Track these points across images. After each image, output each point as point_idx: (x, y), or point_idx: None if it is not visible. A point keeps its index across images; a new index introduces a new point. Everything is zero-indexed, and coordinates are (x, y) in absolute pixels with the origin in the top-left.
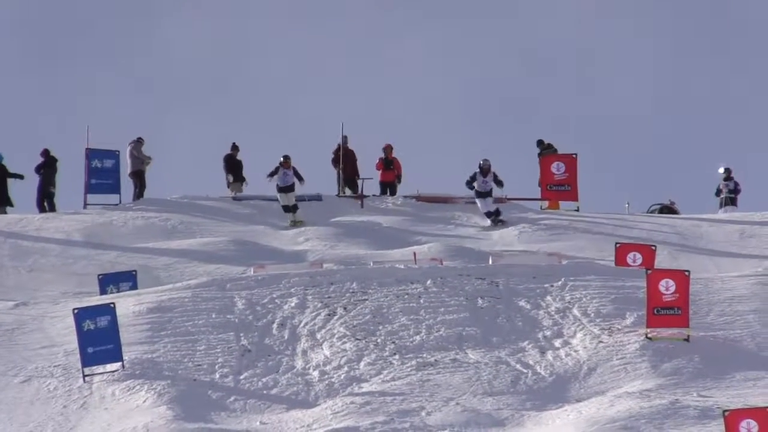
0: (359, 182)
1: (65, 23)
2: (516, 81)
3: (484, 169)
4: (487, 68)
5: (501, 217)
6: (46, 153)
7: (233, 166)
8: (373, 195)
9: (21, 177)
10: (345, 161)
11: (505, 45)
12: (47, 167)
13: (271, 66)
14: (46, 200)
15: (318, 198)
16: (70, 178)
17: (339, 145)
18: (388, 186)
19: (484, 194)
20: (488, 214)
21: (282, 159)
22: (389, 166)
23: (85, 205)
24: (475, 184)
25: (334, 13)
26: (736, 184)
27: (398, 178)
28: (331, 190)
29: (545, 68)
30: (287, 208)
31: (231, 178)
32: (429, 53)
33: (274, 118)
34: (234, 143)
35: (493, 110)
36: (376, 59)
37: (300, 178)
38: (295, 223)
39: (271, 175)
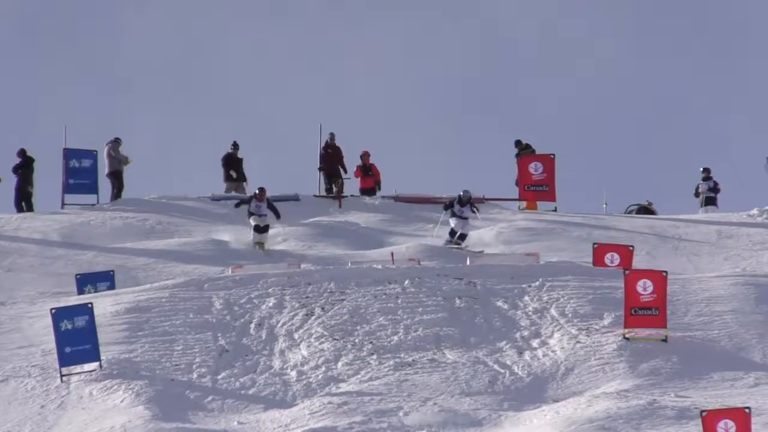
0: (341, 181)
1: (38, 21)
2: (483, 79)
3: (464, 200)
4: (452, 66)
5: (462, 243)
6: (22, 153)
7: (233, 164)
8: (351, 195)
9: None
10: (331, 158)
11: (469, 43)
12: (24, 167)
13: (236, 64)
14: (23, 200)
15: (296, 198)
16: (47, 178)
17: (326, 142)
18: (368, 193)
19: (460, 217)
20: (452, 233)
21: (257, 191)
22: (368, 172)
23: (63, 205)
24: (454, 209)
25: (295, 11)
26: (716, 183)
27: (378, 184)
28: (309, 189)
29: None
30: (257, 228)
31: (234, 175)
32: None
33: (243, 116)
34: (234, 142)
35: (460, 108)
36: (338, 56)
37: (277, 214)
38: (261, 245)
39: (238, 205)
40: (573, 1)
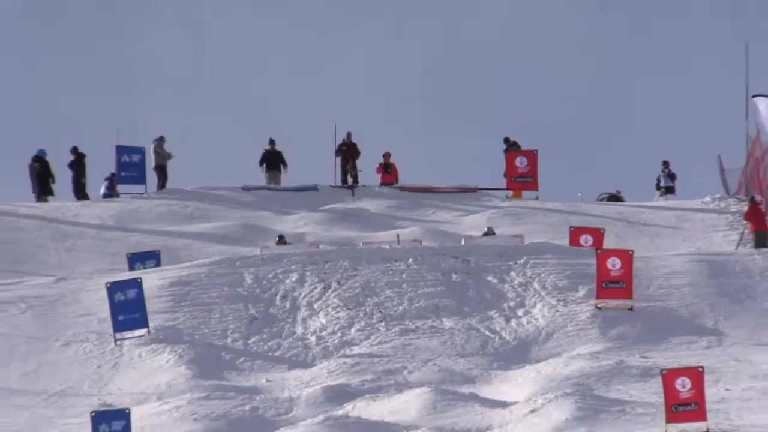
0: (358, 173)
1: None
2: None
3: None
4: (423, 64)
5: None
6: (75, 150)
7: (273, 158)
8: (363, 185)
9: (53, 181)
10: (347, 153)
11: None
12: (77, 163)
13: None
14: (78, 191)
15: (315, 188)
16: (103, 171)
17: (343, 139)
18: (388, 187)
19: None
20: None
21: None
22: (387, 169)
23: (117, 194)
24: None
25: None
26: (673, 174)
27: (396, 180)
28: (326, 180)
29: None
30: None
31: (265, 168)
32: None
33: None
34: (271, 138)
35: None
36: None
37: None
38: None
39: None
40: (539, 2)
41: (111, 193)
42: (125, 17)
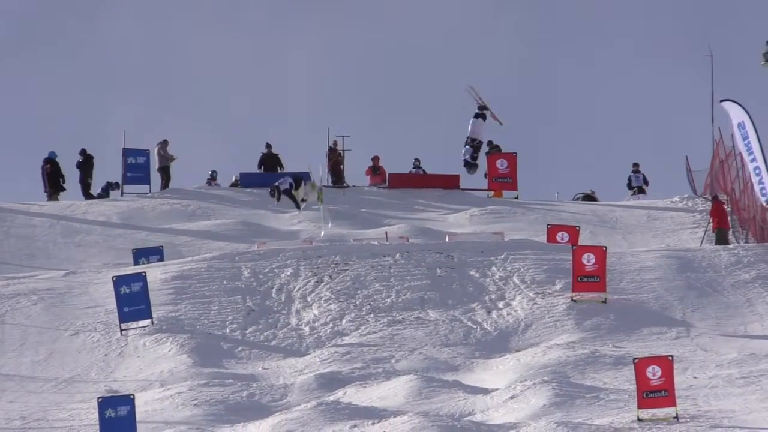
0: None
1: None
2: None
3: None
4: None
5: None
6: (83, 152)
7: (270, 160)
8: (353, 186)
9: (64, 180)
10: (333, 160)
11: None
12: (85, 163)
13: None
14: (85, 190)
15: (307, 175)
16: (110, 172)
17: (330, 147)
18: (377, 188)
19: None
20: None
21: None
22: (376, 171)
23: (122, 193)
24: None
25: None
26: (644, 176)
27: (384, 181)
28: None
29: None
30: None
31: (263, 170)
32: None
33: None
34: (267, 143)
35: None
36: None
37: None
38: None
39: (279, 197)
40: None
41: (102, 194)
42: (141, 17)
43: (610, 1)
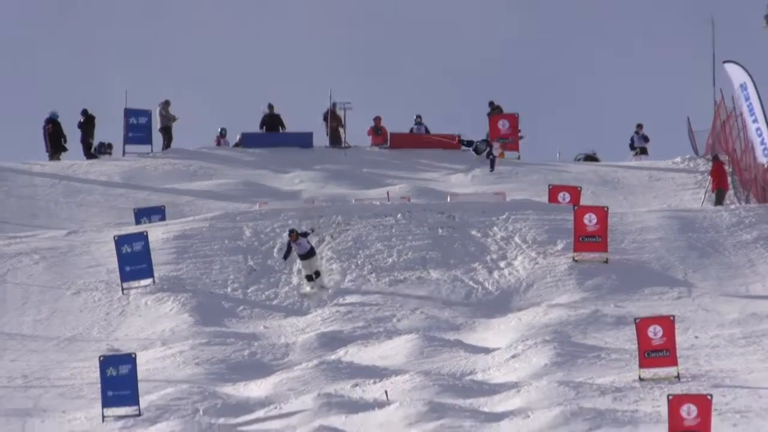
0: (342, 136)
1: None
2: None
3: (480, 149)
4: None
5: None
6: (85, 112)
7: (272, 120)
8: (355, 146)
9: (65, 141)
10: (332, 121)
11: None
12: (86, 123)
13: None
14: (86, 150)
15: (309, 135)
16: (112, 132)
17: (328, 108)
18: (378, 148)
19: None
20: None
21: (288, 233)
22: (378, 132)
23: (124, 153)
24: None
25: None
26: (646, 136)
27: (386, 142)
28: (322, 142)
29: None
30: (309, 278)
31: (265, 130)
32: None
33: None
34: (269, 103)
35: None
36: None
37: (308, 233)
38: (313, 289)
39: (286, 256)
40: None
41: (94, 155)
42: None
43: None
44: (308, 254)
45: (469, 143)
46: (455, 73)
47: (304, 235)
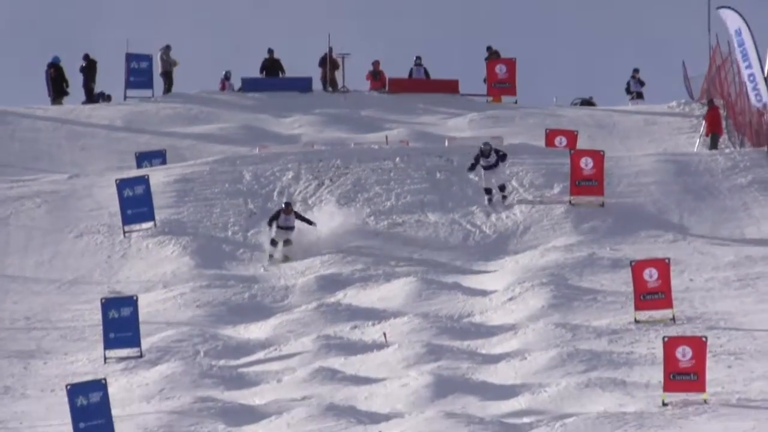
0: (340, 82)
1: None
2: None
3: (485, 151)
4: None
5: (504, 193)
6: (86, 57)
7: (272, 65)
8: (354, 90)
9: (67, 85)
10: (329, 67)
11: None
12: (88, 68)
13: None
14: (88, 94)
15: (308, 80)
16: (113, 77)
17: (326, 53)
18: (377, 92)
19: (487, 167)
20: (487, 191)
21: (284, 205)
22: (376, 76)
23: (125, 97)
24: (481, 161)
25: None
26: (642, 81)
27: (384, 86)
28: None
29: None
30: (274, 242)
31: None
32: None
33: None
34: (269, 48)
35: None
36: None
37: (309, 222)
38: (274, 257)
39: (271, 221)
40: None
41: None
42: None
43: None
44: (289, 229)
45: (473, 165)
46: (453, 18)
47: (298, 217)
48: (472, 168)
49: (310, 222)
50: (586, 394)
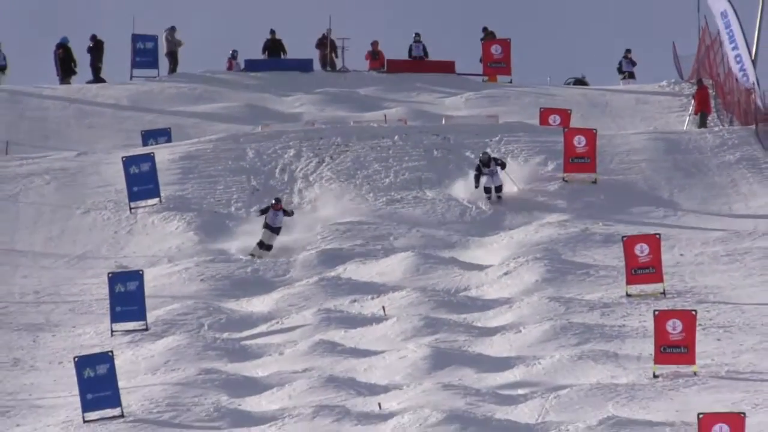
0: (337, 64)
1: None
2: None
3: (485, 161)
4: None
5: (499, 194)
6: (93, 37)
7: (274, 45)
8: (354, 70)
9: (75, 65)
10: (327, 48)
11: None
12: (95, 48)
13: None
14: (95, 74)
15: (309, 61)
16: (120, 57)
17: (324, 33)
18: (376, 72)
19: (488, 175)
20: (486, 191)
21: (274, 201)
22: (375, 56)
23: (131, 77)
24: (483, 169)
25: None
26: (634, 61)
27: (383, 66)
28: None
29: None
30: (261, 245)
31: (267, 55)
32: None
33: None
34: (271, 29)
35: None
36: None
37: (290, 214)
38: (255, 255)
39: (263, 212)
40: None
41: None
42: None
43: None
44: (275, 230)
45: (477, 176)
46: (450, 0)
47: (286, 213)
48: (477, 179)
49: (291, 214)
50: (579, 366)
